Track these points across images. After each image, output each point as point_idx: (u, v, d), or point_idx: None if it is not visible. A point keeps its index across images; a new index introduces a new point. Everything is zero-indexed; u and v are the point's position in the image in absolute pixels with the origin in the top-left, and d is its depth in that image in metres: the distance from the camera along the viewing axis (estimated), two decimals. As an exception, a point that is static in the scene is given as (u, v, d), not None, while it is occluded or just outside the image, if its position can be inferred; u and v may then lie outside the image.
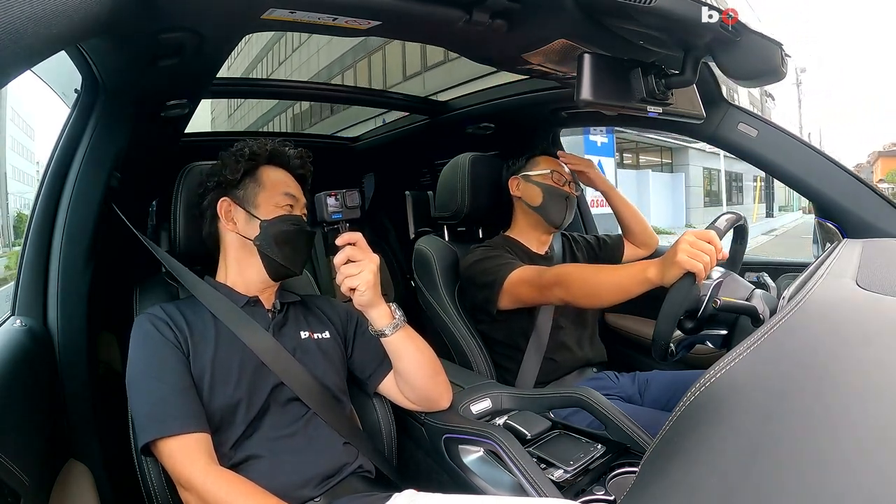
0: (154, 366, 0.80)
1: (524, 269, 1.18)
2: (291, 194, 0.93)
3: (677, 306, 0.86)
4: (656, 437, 0.39)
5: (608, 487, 0.83)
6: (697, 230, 0.89)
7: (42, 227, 0.97)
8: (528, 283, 1.14)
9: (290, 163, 0.97)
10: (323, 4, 0.70)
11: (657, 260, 0.93)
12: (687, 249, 0.86)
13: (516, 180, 1.37)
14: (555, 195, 1.32)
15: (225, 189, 0.93)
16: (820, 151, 1.20)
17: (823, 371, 0.43)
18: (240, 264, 0.93)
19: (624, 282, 0.97)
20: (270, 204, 0.91)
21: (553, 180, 1.33)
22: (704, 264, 0.85)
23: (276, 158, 0.96)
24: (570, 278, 1.06)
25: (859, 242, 0.99)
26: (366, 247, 0.82)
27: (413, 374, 0.91)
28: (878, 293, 0.60)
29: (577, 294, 1.05)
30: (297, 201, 0.94)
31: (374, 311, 0.85)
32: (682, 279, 0.86)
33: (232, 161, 0.93)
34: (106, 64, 0.81)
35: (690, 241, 0.87)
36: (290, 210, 0.93)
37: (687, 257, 0.85)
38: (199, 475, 0.73)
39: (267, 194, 0.92)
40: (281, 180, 0.94)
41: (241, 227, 0.91)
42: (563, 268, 1.12)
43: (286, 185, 0.94)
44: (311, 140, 2.38)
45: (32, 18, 0.39)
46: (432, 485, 0.95)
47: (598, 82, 0.78)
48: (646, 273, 0.93)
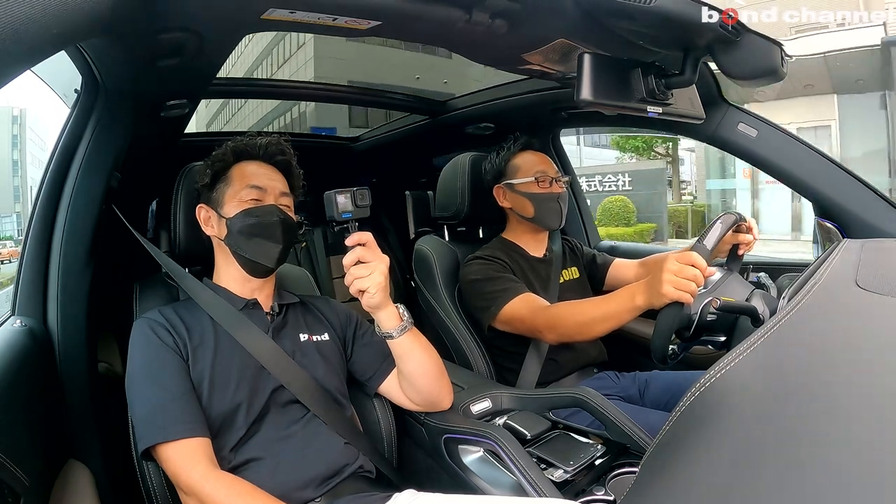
0: (153, 371, 0.80)
1: (520, 303, 1.15)
2: (256, 186, 0.89)
3: (669, 327, 0.88)
4: (656, 437, 0.39)
5: (608, 487, 0.83)
6: (681, 254, 0.89)
7: (42, 227, 0.97)
8: (521, 322, 1.14)
9: (262, 153, 0.93)
10: (323, 4, 0.70)
11: (643, 286, 0.93)
12: (672, 280, 0.86)
13: (501, 189, 1.32)
14: (545, 201, 1.28)
15: (202, 195, 0.93)
16: (820, 151, 1.20)
17: (823, 371, 0.43)
18: (225, 266, 0.93)
19: (614, 313, 0.99)
20: (235, 200, 0.89)
21: (539, 186, 1.27)
22: (690, 292, 0.86)
23: (244, 153, 0.93)
24: (562, 321, 1.06)
25: (859, 242, 0.99)
26: (376, 248, 0.81)
27: (418, 376, 0.90)
28: (878, 293, 0.60)
29: (570, 334, 1.07)
30: (265, 192, 0.89)
31: (383, 313, 0.84)
32: (669, 305, 0.87)
33: (202, 166, 0.93)
34: (106, 64, 0.81)
35: (675, 269, 0.87)
36: (257, 203, 0.89)
37: (672, 289, 0.86)
38: (200, 480, 0.73)
39: (232, 190, 0.89)
40: (251, 172, 0.91)
41: (216, 229, 0.91)
42: (554, 311, 1.10)
43: (254, 177, 0.90)
44: (311, 140, 2.38)
45: (32, 18, 0.39)
46: (432, 485, 0.94)
47: (598, 82, 0.78)
48: (634, 301, 0.94)
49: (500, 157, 1.33)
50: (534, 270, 1.31)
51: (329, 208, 0.82)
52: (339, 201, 0.81)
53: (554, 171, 1.31)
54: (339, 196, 0.81)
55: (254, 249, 0.88)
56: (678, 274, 0.86)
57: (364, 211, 0.83)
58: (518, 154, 1.32)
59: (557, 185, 1.29)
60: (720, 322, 0.90)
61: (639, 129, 6.83)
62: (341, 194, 0.81)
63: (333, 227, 0.83)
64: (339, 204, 0.81)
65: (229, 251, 0.90)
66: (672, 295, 0.86)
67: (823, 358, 0.46)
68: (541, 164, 1.30)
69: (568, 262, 1.40)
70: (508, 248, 1.33)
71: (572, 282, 1.36)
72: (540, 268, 1.33)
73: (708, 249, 0.89)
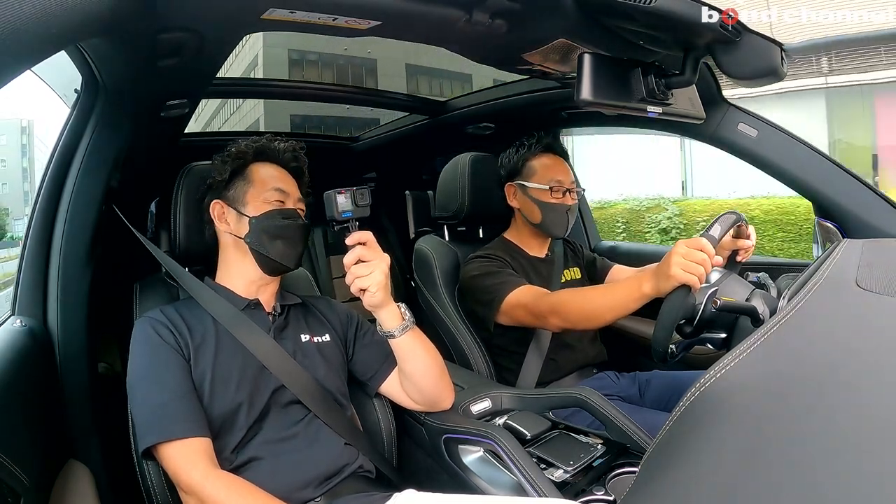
0: (155, 370, 0.80)
1: (522, 292, 1.15)
2: (281, 189, 0.92)
3: (673, 316, 0.87)
4: (656, 437, 0.39)
5: (608, 487, 0.83)
6: (690, 240, 0.89)
7: (42, 227, 0.97)
8: (525, 309, 1.13)
9: (279, 157, 0.96)
10: (323, 4, 0.70)
11: (650, 273, 0.93)
12: (680, 262, 0.86)
13: (513, 188, 1.31)
14: (554, 211, 1.26)
15: (216, 191, 0.93)
16: (820, 151, 1.20)
17: (823, 371, 0.43)
18: (236, 264, 0.93)
19: (620, 300, 0.97)
20: (259, 200, 0.90)
21: (552, 196, 1.25)
22: (698, 275, 0.85)
23: (264, 154, 0.95)
24: (566, 307, 1.05)
25: (859, 242, 0.99)
26: (377, 246, 0.81)
27: (420, 375, 0.90)
28: (878, 293, 0.60)
29: (574, 320, 1.05)
30: (288, 196, 0.92)
31: (384, 311, 0.84)
32: (676, 290, 0.87)
33: (219, 162, 0.93)
34: (106, 64, 0.81)
35: (683, 252, 0.87)
36: (280, 205, 0.91)
37: (681, 271, 0.85)
38: (200, 479, 0.73)
39: (255, 191, 0.91)
40: (271, 175, 0.93)
41: (233, 226, 0.91)
42: (558, 296, 1.09)
43: (276, 180, 0.92)
44: (311, 140, 2.38)
45: (33, 18, 0.39)
46: (432, 485, 0.94)
47: (598, 82, 0.78)
48: (641, 289, 0.93)
49: (518, 155, 1.30)
50: (535, 270, 1.31)
51: (329, 208, 0.82)
52: (338, 201, 0.82)
53: (570, 181, 1.28)
54: (338, 196, 0.82)
55: (277, 250, 0.89)
56: (687, 257, 0.86)
57: (364, 210, 0.83)
58: (537, 156, 1.29)
59: (570, 196, 1.27)
60: (721, 319, 0.90)
61: (639, 128, 6.82)
62: (341, 194, 0.82)
63: (334, 227, 0.83)
64: (338, 203, 0.82)
65: (247, 249, 0.91)
66: (680, 277, 0.85)
67: (823, 358, 0.46)
68: (558, 173, 1.27)
69: (570, 262, 1.40)
70: (509, 248, 1.33)
71: (574, 282, 1.36)
72: (541, 267, 1.33)
73: (716, 239, 0.89)
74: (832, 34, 7.13)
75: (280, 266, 0.92)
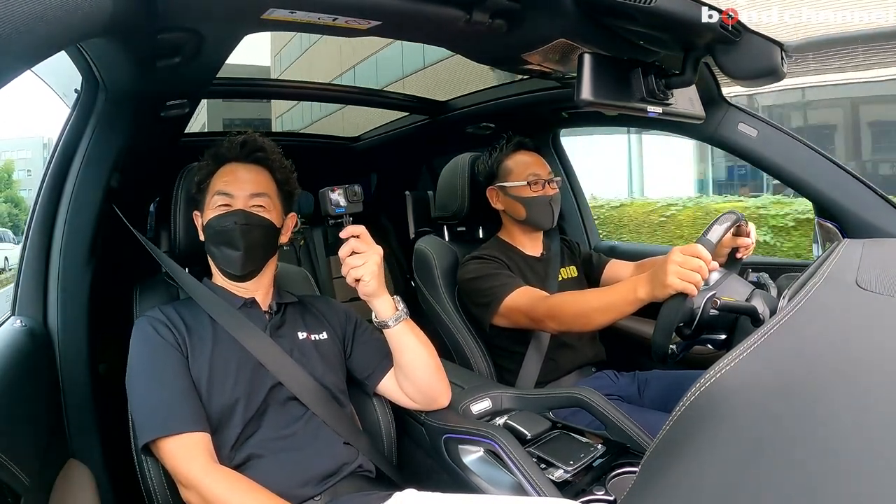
0: (154, 367, 0.81)
1: (519, 295, 1.15)
2: (222, 191, 0.88)
3: (671, 321, 0.87)
4: (656, 437, 0.39)
5: (608, 487, 0.83)
6: (686, 246, 0.89)
7: (42, 227, 0.97)
8: (522, 312, 1.14)
9: (235, 154, 0.91)
10: (323, 4, 0.70)
11: (646, 278, 0.93)
12: (676, 270, 0.86)
13: (494, 191, 1.32)
14: (538, 204, 1.28)
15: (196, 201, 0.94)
16: (820, 151, 1.20)
17: (823, 371, 0.43)
18: (214, 268, 0.94)
19: (615, 305, 0.98)
20: (210, 207, 0.90)
21: (532, 190, 1.26)
22: (695, 283, 0.85)
23: (222, 157, 0.92)
24: (562, 310, 1.06)
25: (859, 242, 0.99)
26: (369, 238, 0.84)
27: (415, 367, 0.91)
28: (878, 293, 0.60)
29: (570, 324, 1.07)
30: (234, 198, 0.88)
31: (378, 301, 0.86)
32: (673, 297, 0.87)
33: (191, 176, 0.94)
34: (106, 64, 0.81)
35: (679, 260, 0.87)
36: (226, 209, 0.88)
37: (677, 279, 0.86)
38: (200, 473, 0.74)
39: (208, 198, 0.91)
40: (223, 178, 0.90)
41: (202, 235, 0.93)
42: (555, 300, 1.10)
43: (222, 183, 0.89)
44: (311, 140, 2.38)
45: (33, 18, 0.39)
46: (432, 484, 0.94)
47: (598, 82, 0.78)
48: (636, 293, 0.93)
49: (492, 159, 1.33)
50: (532, 269, 1.31)
51: (323, 204, 0.85)
52: (332, 197, 0.84)
53: (546, 172, 1.30)
54: (331, 193, 0.85)
55: (220, 257, 0.90)
56: (683, 265, 0.86)
57: (357, 206, 0.85)
58: (510, 155, 1.31)
59: (550, 186, 1.29)
60: (721, 320, 0.90)
61: (639, 128, 6.83)
62: (334, 191, 0.85)
63: (329, 223, 0.86)
64: (332, 200, 0.85)
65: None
66: (677, 286, 0.85)
67: (823, 358, 0.46)
68: (533, 167, 1.29)
69: (566, 260, 1.40)
70: (505, 248, 1.33)
71: (570, 280, 1.36)
72: (538, 266, 1.33)
73: (713, 243, 0.89)
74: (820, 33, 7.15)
75: (228, 273, 0.91)
